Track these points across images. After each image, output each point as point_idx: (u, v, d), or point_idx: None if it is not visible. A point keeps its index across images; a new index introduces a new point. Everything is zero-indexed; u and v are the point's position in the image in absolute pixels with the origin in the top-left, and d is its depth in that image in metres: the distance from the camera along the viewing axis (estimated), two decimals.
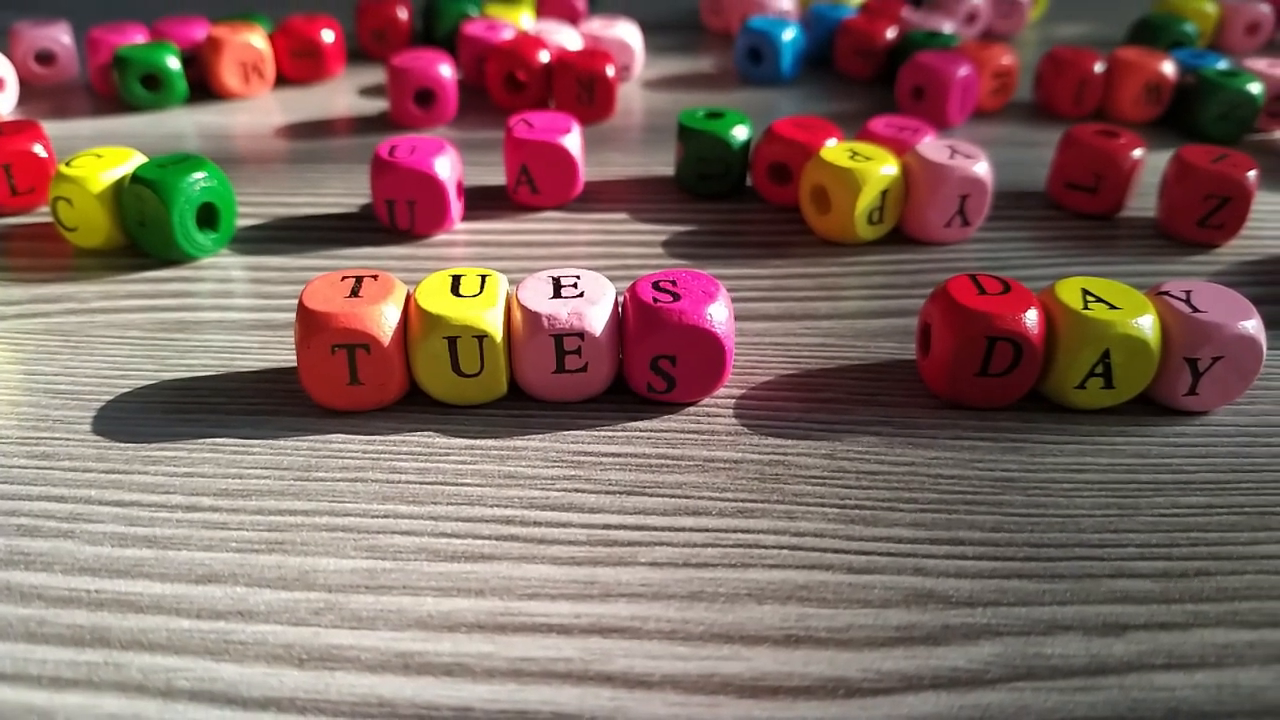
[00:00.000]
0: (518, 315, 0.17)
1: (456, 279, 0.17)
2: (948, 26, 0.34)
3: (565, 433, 0.17)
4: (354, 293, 0.17)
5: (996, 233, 0.24)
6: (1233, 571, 0.14)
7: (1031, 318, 0.17)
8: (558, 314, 0.16)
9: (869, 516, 0.15)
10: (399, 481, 0.16)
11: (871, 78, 0.33)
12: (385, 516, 0.15)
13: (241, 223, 0.23)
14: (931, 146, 0.22)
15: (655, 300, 0.17)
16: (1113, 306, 0.17)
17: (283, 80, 0.32)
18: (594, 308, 0.17)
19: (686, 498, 0.15)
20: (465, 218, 0.24)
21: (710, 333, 0.16)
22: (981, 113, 0.31)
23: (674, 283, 0.17)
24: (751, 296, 0.21)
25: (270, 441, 0.16)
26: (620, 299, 0.17)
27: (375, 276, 0.17)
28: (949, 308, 0.17)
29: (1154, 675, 0.13)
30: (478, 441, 0.17)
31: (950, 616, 0.13)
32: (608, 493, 0.15)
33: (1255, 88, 0.29)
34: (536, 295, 0.17)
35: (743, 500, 0.15)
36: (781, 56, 0.32)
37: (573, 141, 0.23)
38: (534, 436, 0.17)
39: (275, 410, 0.17)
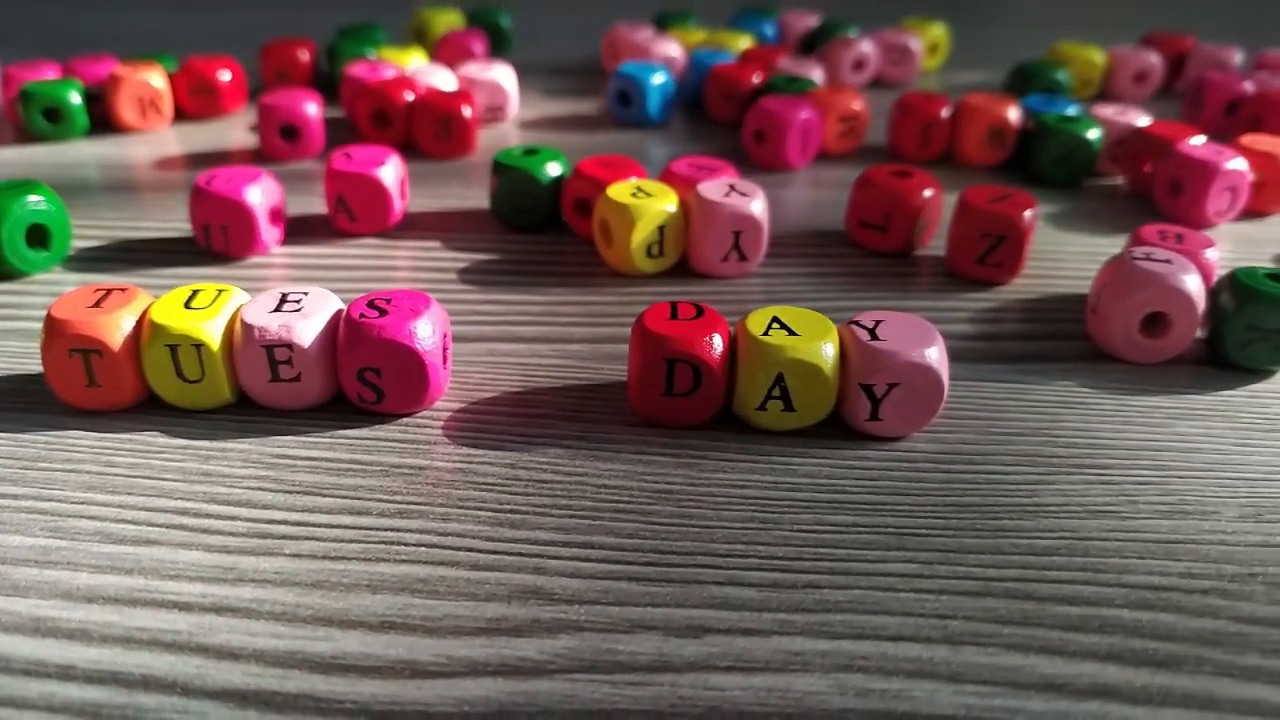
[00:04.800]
0: (238, 327, 0.18)
1: (194, 293, 0.19)
2: (817, 74, 0.35)
3: (277, 438, 0.18)
4: (97, 304, 0.18)
5: (788, 268, 0.25)
6: (842, 586, 0.15)
7: (709, 342, 0.18)
8: (268, 326, 0.18)
9: (518, 520, 0.16)
10: (108, 474, 0.17)
11: (738, 121, 0.34)
12: (82, 503, 0.16)
13: (84, 243, 0.26)
14: (711, 185, 0.24)
15: (362, 316, 0.18)
16: (792, 333, 0.18)
17: (185, 116, 0.34)
18: (306, 322, 0.18)
19: (357, 499, 0.17)
20: (289, 241, 0.26)
21: (408, 347, 0.18)
22: (829, 156, 0.32)
23: (388, 300, 0.18)
24: (517, 320, 0.22)
25: (15, 435, 0.18)
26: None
27: (124, 290, 0.19)
28: (638, 331, 0.18)
29: (711, 676, 0.13)
30: (194, 442, 0.18)
31: (544, 612, 0.14)
32: (286, 492, 0.17)
33: (1093, 133, 0.30)
34: (257, 309, 0.18)
35: (409, 503, 0.16)
36: (648, 100, 0.34)
37: (387, 174, 0.25)
38: (246, 440, 0.18)
39: (32, 408, 0.19)
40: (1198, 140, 0.29)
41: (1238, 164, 0.27)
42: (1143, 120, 0.30)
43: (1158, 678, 0.14)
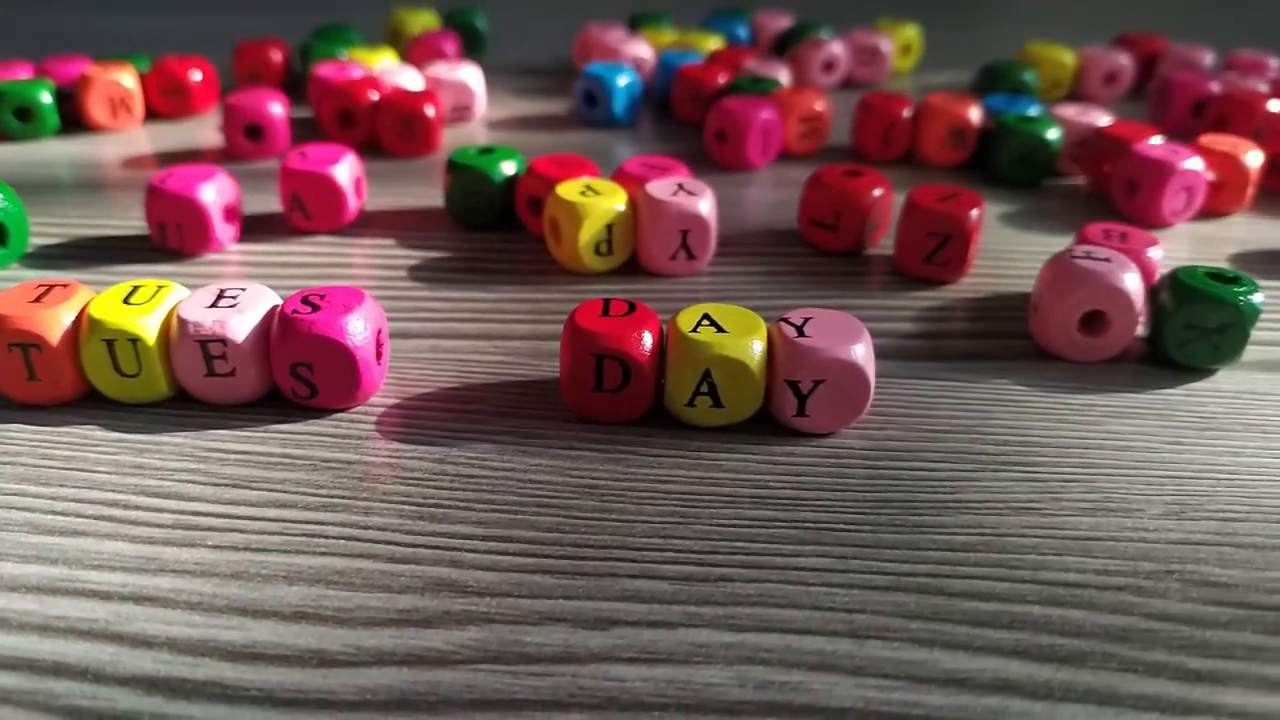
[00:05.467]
0: (174, 322, 0.18)
1: (135, 289, 0.19)
2: (784, 75, 0.35)
3: (212, 431, 0.18)
4: (38, 299, 0.19)
5: (739, 266, 0.25)
6: (754, 580, 0.15)
7: (638, 339, 0.18)
8: (202, 321, 0.18)
9: (439, 514, 0.16)
10: (43, 465, 0.17)
11: (703, 121, 0.34)
12: (14, 494, 0.17)
13: (44, 241, 0.26)
14: (659, 185, 0.24)
15: (294, 312, 0.18)
16: (720, 330, 0.18)
17: (157, 115, 0.35)
18: (240, 317, 0.18)
19: (283, 492, 0.17)
20: (246, 239, 0.26)
21: (338, 343, 0.18)
22: (791, 156, 0.32)
23: (322, 297, 0.19)
24: (462, 317, 0.23)
25: None
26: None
27: (66, 285, 0.19)
28: (569, 327, 0.18)
29: (614, 667, 0.13)
30: (130, 435, 0.18)
31: (456, 604, 0.14)
32: (215, 485, 0.17)
33: (1053, 133, 0.30)
34: (194, 305, 0.18)
35: (334, 497, 0.17)
36: (614, 100, 0.34)
37: (341, 172, 0.25)
38: (182, 434, 0.18)
39: None
40: (1156, 140, 0.29)
41: (1194, 164, 0.27)
42: (1104, 120, 0.30)
43: (1061, 673, 0.14)
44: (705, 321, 0.18)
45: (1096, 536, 0.16)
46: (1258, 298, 0.21)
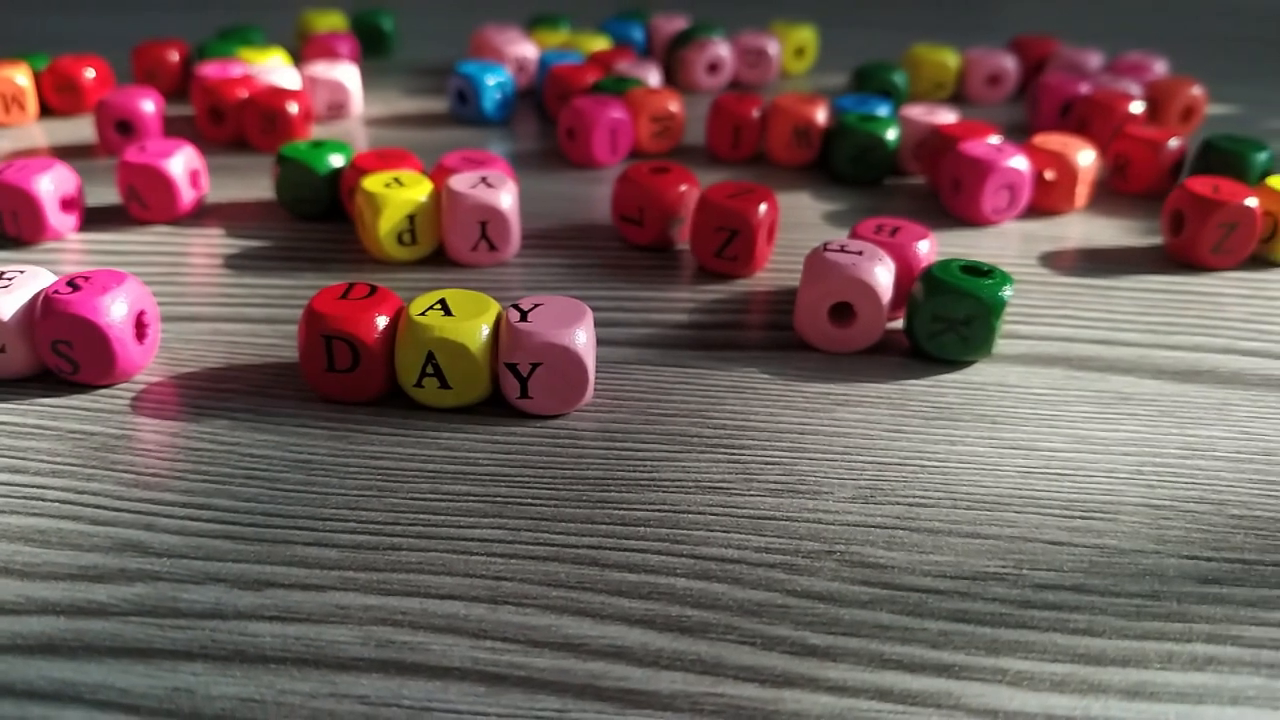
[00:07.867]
0: None
1: None
2: (654, 77, 0.36)
3: None
4: None
5: (552, 258, 0.26)
6: (421, 549, 0.16)
7: (367, 321, 0.19)
8: None
9: (154, 482, 0.17)
10: None
11: None
12: None
13: None
14: (461, 178, 0.25)
15: (56, 292, 0.19)
16: (448, 313, 0.19)
17: (52, 112, 0.36)
18: (9, 297, 0.19)
19: (22, 459, 0.18)
20: (91, 228, 0.27)
21: (92, 321, 0.19)
22: (643, 154, 0.33)
23: (87, 278, 0.20)
24: (254, 302, 0.24)
25: None
26: None
27: None
28: (305, 310, 0.19)
29: (252, 624, 0.14)
30: None
31: (133, 563, 0.16)
32: None
33: (890, 133, 0.30)
34: None
35: (65, 464, 0.18)
36: (483, 98, 0.35)
37: (175, 165, 0.26)
38: None
39: None
40: (994, 140, 0.29)
41: (1017, 163, 0.28)
42: (947, 120, 0.31)
43: (677, 643, 0.14)
44: (437, 306, 0.19)
45: (773, 516, 0.17)
46: (1006, 291, 0.21)
